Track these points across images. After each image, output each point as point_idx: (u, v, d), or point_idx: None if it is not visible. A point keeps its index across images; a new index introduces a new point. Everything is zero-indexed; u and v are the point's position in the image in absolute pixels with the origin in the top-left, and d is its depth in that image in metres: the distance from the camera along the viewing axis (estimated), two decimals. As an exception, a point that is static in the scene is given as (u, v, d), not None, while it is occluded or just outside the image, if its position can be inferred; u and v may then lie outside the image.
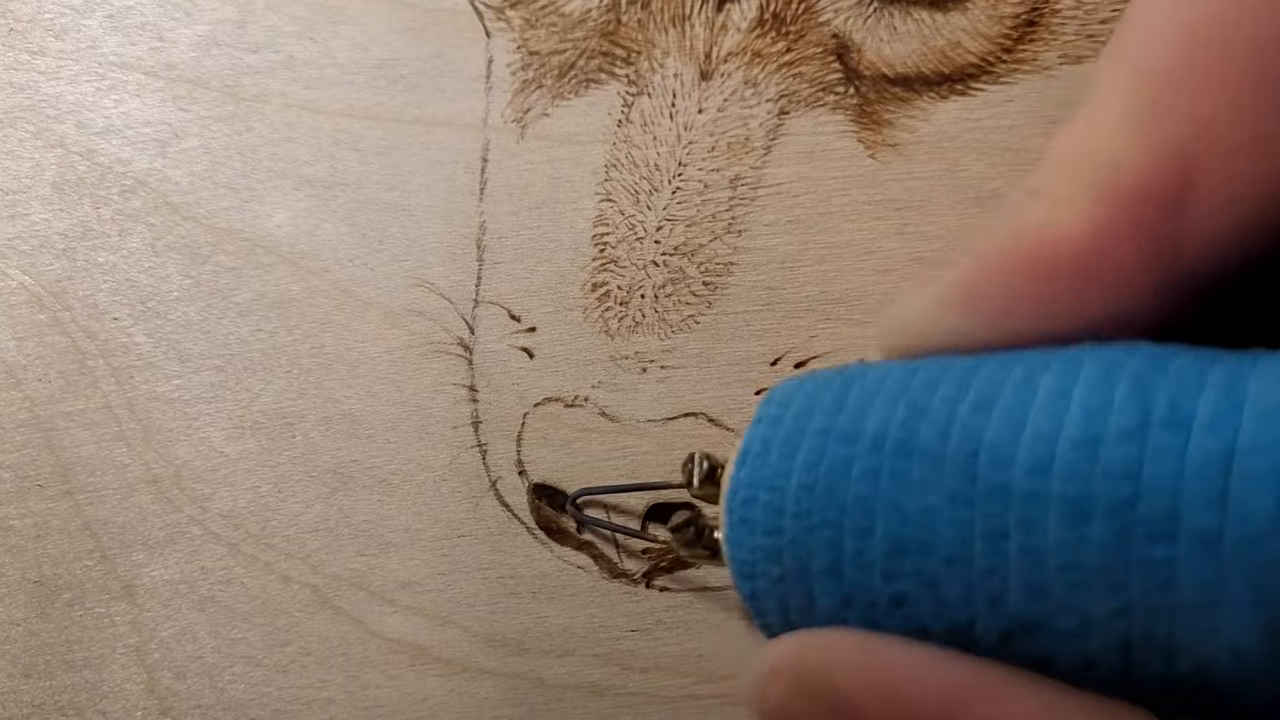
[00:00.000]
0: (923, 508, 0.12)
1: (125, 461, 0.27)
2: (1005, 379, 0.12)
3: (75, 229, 0.27)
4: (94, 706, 0.26)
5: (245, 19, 0.28)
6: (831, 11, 0.26)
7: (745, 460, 0.15)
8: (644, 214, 0.26)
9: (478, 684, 0.25)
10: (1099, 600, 0.11)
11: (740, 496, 0.15)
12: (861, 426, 0.13)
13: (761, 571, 0.14)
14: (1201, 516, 0.10)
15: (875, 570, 0.13)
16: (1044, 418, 0.12)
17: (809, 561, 0.14)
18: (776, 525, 0.14)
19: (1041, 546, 0.11)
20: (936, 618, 0.12)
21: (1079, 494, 0.11)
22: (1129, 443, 0.11)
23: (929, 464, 0.12)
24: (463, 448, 0.26)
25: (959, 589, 0.12)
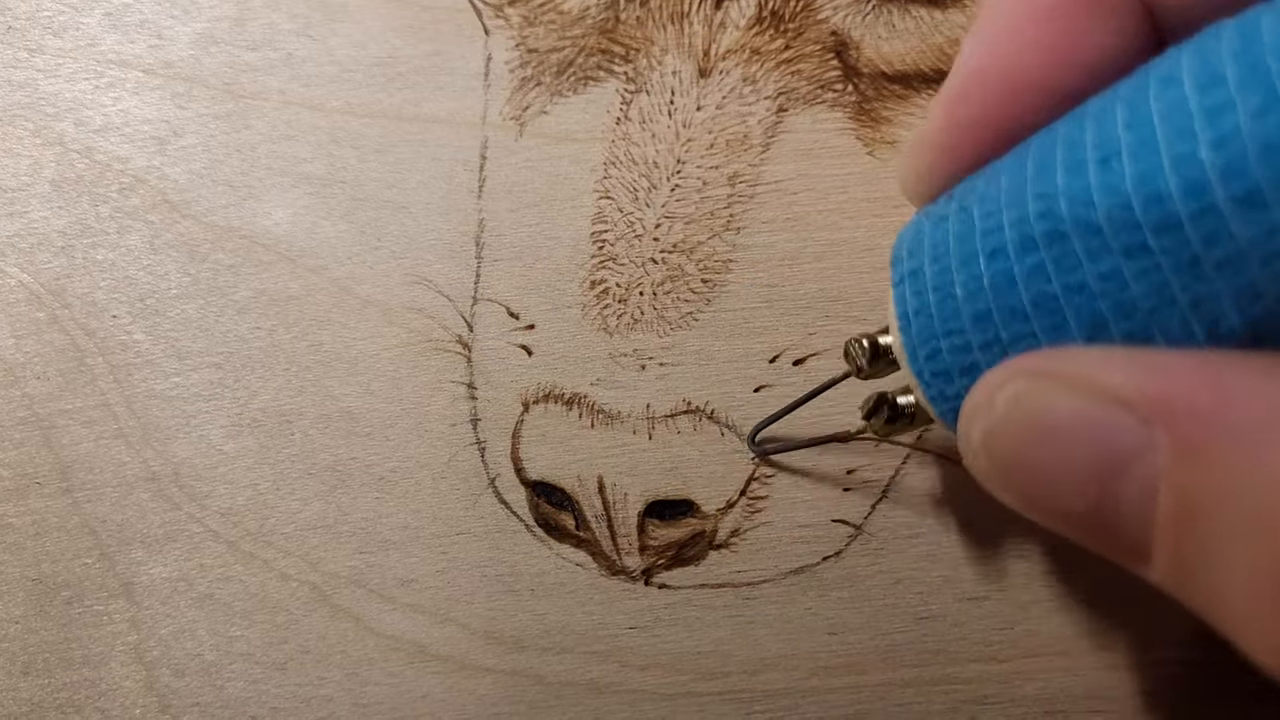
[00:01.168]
0: (1103, 276, 0.12)
1: (124, 459, 0.27)
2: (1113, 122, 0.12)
3: (74, 227, 0.27)
4: (93, 704, 0.26)
5: (244, 16, 0.28)
6: (830, 9, 0.26)
7: (909, 323, 0.15)
8: (643, 211, 0.26)
9: (476, 681, 0.25)
10: None
11: (922, 355, 0.15)
12: (1002, 237, 0.13)
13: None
14: None
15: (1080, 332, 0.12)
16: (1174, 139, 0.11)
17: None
18: (970, 363, 0.14)
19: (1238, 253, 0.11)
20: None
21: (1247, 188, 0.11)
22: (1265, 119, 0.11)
23: (1088, 235, 0.12)
24: (461, 445, 0.26)
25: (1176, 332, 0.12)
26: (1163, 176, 0.11)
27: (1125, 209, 0.11)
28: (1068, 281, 0.12)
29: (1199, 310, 0.11)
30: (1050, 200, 0.12)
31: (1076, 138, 0.12)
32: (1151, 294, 0.12)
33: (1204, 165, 0.11)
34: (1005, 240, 0.13)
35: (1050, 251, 0.12)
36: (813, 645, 0.25)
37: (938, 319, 0.14)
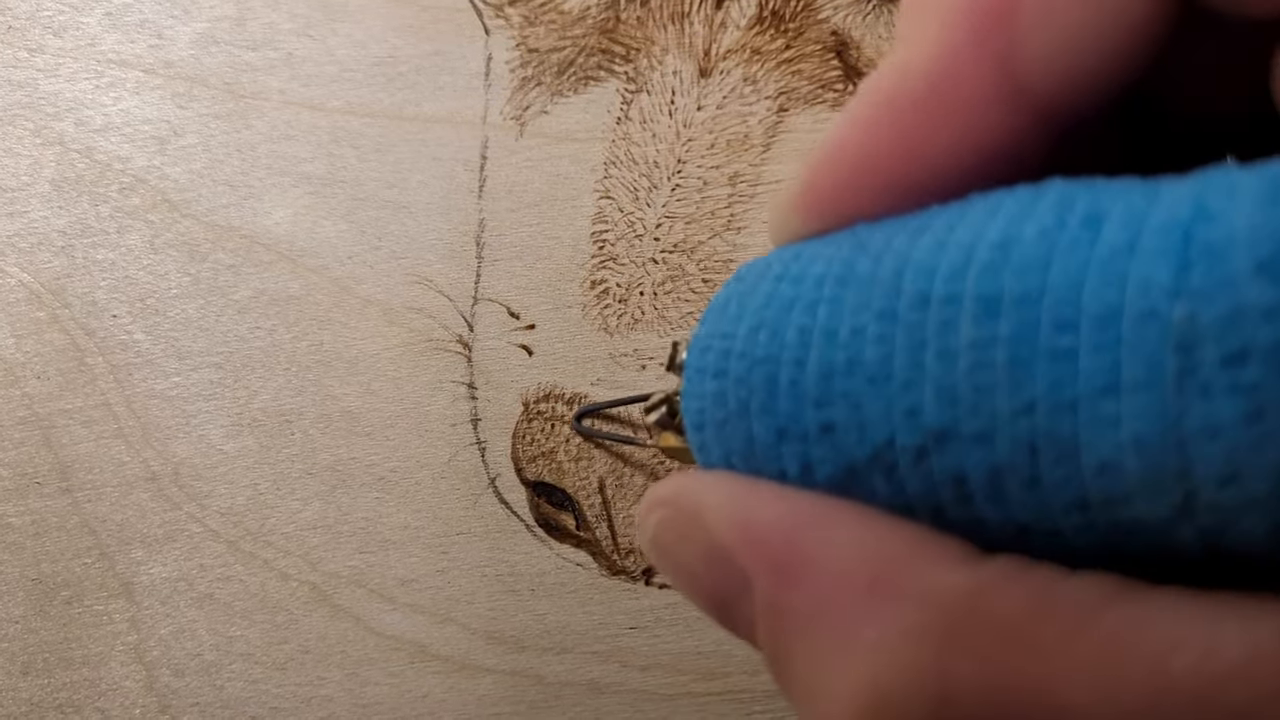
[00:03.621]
0: (853, 329, 0.12)
1: (124, 459, 0.27)
2: (942, 211, 0.13)
3: (74, 226, 0.27)
4: (92, 704, 0.26)
5: (244, 16, 0.28)
6: (830, 9, 0.26)
7: (707, 316, 0.15)
8: (643, 211, 0.26)
9: (477, 681, 0.25)
10: (1005, 399, 0.11)
11: (698, 348, 0.15)
12: (810, 268, 0.14)
13: (709, 419, 0.15)
14: (1102, 297, 0.10)
15: (807, 399, 0.13)
16: (969, 230, 0.12)
17: (749, 400, 0.14)
18: (723, 368, 0.14)
19: (954, 349, 0.11)
20: (860, 442, 0.13)
21: (990, 292, 0.11)
22: (1043, 241, 0.11)
23: (862, 288, 0.13)
24: (461, 445, 0.26)
25: (880, 406, 0.12)
26: (940, 256, 0.12)
27: (898, 275, 0.12)
28: (826, 324, 0.13)
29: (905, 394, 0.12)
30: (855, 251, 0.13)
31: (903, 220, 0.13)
32: (880, 362, 0.12)
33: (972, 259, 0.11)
34: (806, 273, 0.14)
35: (831, 291, 0.13)
36: (813, 645, 0.25)
37: (722, 324, 0.15)
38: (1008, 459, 0.11)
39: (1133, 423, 0.10)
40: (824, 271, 0.13)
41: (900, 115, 0.13)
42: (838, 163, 0.14)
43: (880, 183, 0.13)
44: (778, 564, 0.13)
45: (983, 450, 0.11)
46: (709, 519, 0.14)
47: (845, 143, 0.14)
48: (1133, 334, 0.10)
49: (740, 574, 0.13)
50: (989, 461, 0.11)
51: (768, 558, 0.13)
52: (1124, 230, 0.11)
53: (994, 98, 0.13)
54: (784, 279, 0.14)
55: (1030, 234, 0.11)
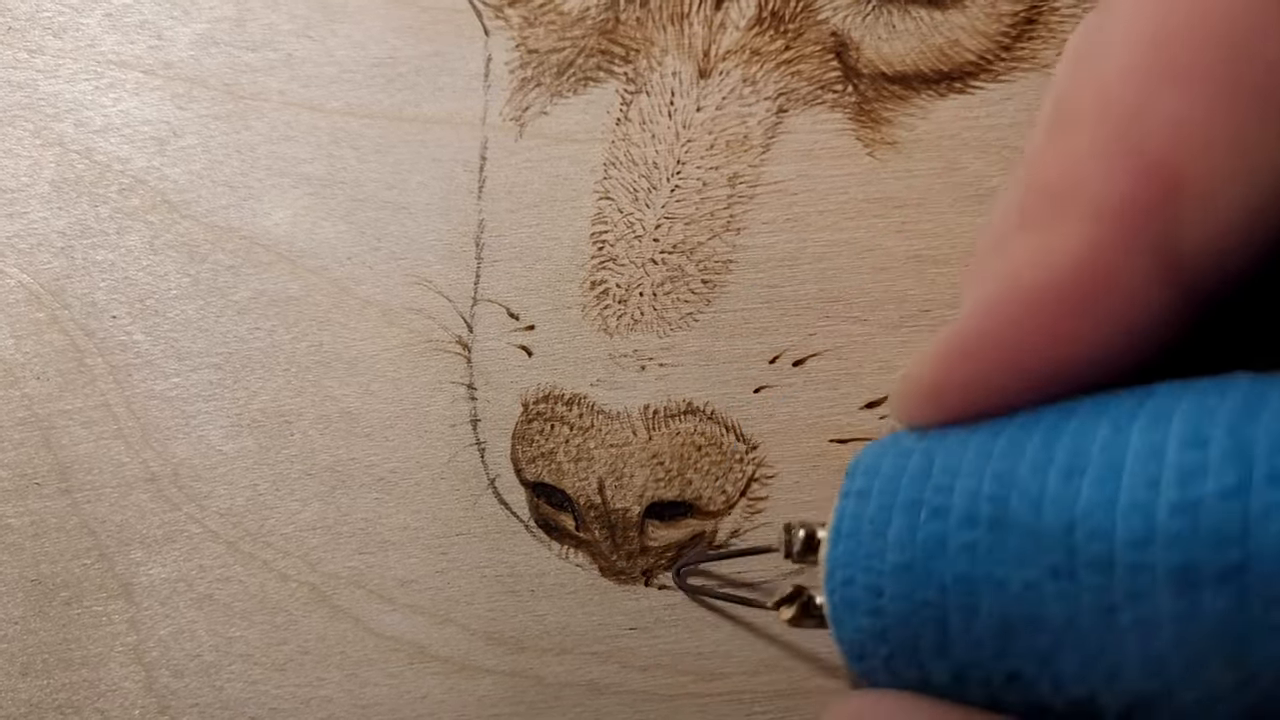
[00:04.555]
0: (1025, 584, 0.12)
1: (123, 460, 0.27)
2: (1092, 437, 0.12)
3: (73, 227, 0.27)
4: (92, 705, 0.26)
5: (243, 17, 0.28)
6: (830, 9, 0.26)
7: (838, 539, 0.15)
8: (643, 212, 0.26)
9: (476, 682, 0.25)
10: (1221, 671, 0.11)
11: (839, 578, 0.14)
12: (950, 500, 0.13)
13: (870, 651, 0.14)
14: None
15: (985, 649, 0.12)
16: (1139, 483, 0.11)
17: (916, 641, 0.13)
18: (877, 606, 0.14)
19: (1154, 618, 0.11)
20: (1055, 692, 0.12)
21: (1185, 563, 0.11)
22: (1231, 503, 0.10)
23: (1026, 538, 0.12)
24: (461, 446, 0.26)
25: (1074, 665, 0.12)
26: (1114, 515, 0.11)
27: (1068, 531, 0.11)
28: (991, 573, 0.12)
29: (1099, 660, 0.11)
30: (1005, 486, 0.12)
31: (1052, 436, 0.12)
32: (1067, 621, 0.12)
33: (1156, 524, 0.11)
34: (951, 504, 0.13)
35: (988, 535, 0.12)
36: (814, 646, 0.25)
37: (862, 551, 0.14)
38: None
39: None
40: (972, 509, 0.12)
41: (1048, 308, 0.12)
42: (978, 354, 0.13)
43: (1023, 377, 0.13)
44: None
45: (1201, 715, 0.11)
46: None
47: (985, 332, 0.13)
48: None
49: None
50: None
51: None
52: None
53: (1150, 288, 0.12)
54: (923, 507, 0.13)
55: (1213, 493, 0.11)
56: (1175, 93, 0.12)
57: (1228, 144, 0.12)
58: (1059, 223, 0.12)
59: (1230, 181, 0.12)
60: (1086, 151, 0.12)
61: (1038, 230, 0.13)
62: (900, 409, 0.14)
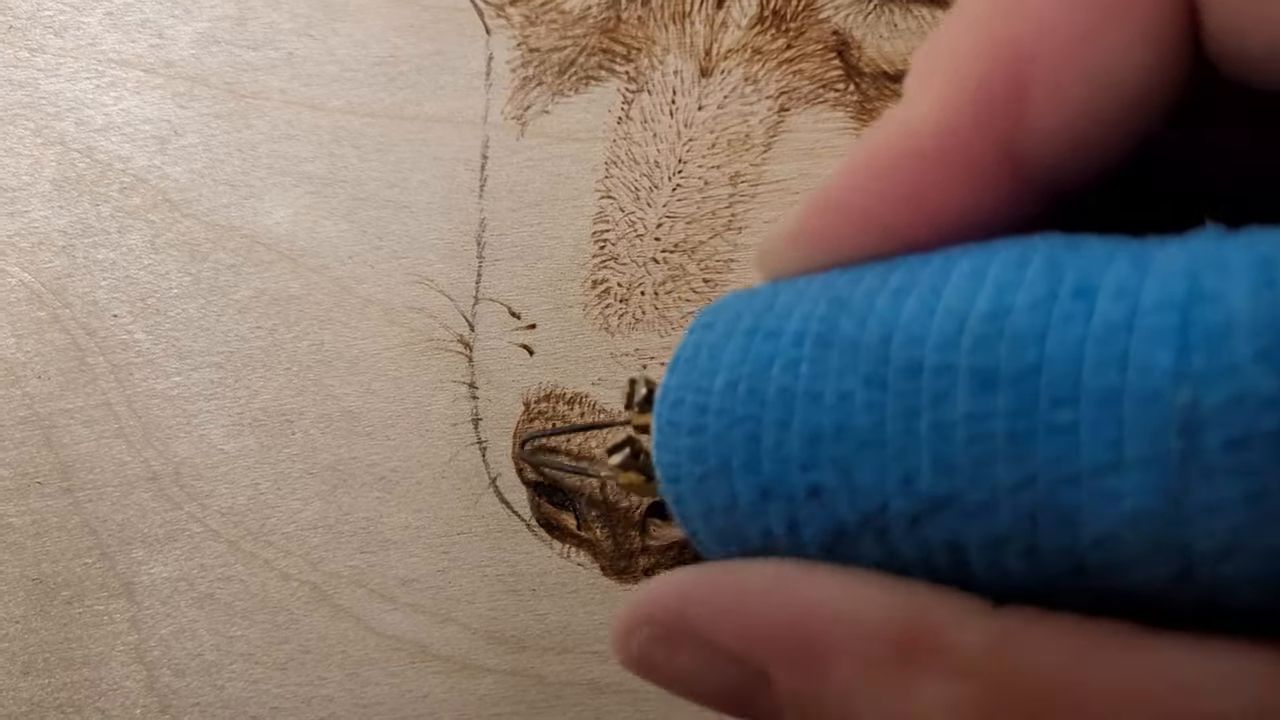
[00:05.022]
0: (839, 394, 0.12)
1: (125, 459, 0.27)
2: (923, 268, 0.12)
3: (75, 226, 0.27)
4: (93, 704, 0.26)
5: (245, 16, 0.28)
6: (832, 8, 0.26)
7: (676, 366, 0.15)
8: (644, 211, 0.26)
9: (477, 681, 0.25)
10: (1006, 470, 0.11)
11: (669, 399, 0.15)
12: (785, 324, 0.13)
13: (686, 473, 0.14)
14: (1103, 377, 0.10)
15: (793, 462, 0.13)
16: (957, 296, 0.12)
17: (730, 457, 0.14)
18: (700, 424, 0.14)
19: (950, 420, 0.11)
20: (851, 505, 0.12)
21: (986, 364, 0.11)
22: (1036, 313, 0.11)
23: (847, 351, 0.12)
24: (462, 445, 0.26)
25: (872, 473, 0.12)
26: (930, 324, 0.12)
27: (885, 341, 0.12)
28: (810, 386, 0.13)
29: (896, 465, 0.12)
30: (836, 309, 0.13)
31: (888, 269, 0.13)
32: (871, 429, 0.12)
33: (965, 328, 0.11)
34: (785, 327, 0.13)
35: (812, 351, 0.13)
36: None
37: (695, 374, 0.14)
38: (1007, 528, 0.11)
39: (1134, 498, 0.10)
40: (802, 328, 0.13)
41: (901, 172, 0.13)
42: (835, 208, 0.14)
43: (874, 232, 0.13)
44: (795, 656, 0.12)
45: (982, 520, 0.11)
46: (705, 628, 0.13)
47: (843, 189, 0.14)
48: (1135, 414, 0.10)
49: (756, 672, 0.13)
50: (988, 530, 0.11)
51: (783, 652, 0.13)
52: (1118, 305, 0.11)
53: (996, 169, 0.13)
54: (758, 332, 0.14)
55: (1022, 305, 0.11)
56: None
57: (1079, 43, 0.12)
58: (921, 97, 0.13)
59: (1076, 80, 0.12)
60: (957, 34, 0.13)
61: (906, 103, 0.13)
62: (761, 260, 0.15)
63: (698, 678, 0.14)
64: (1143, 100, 0.12)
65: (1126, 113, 0.12)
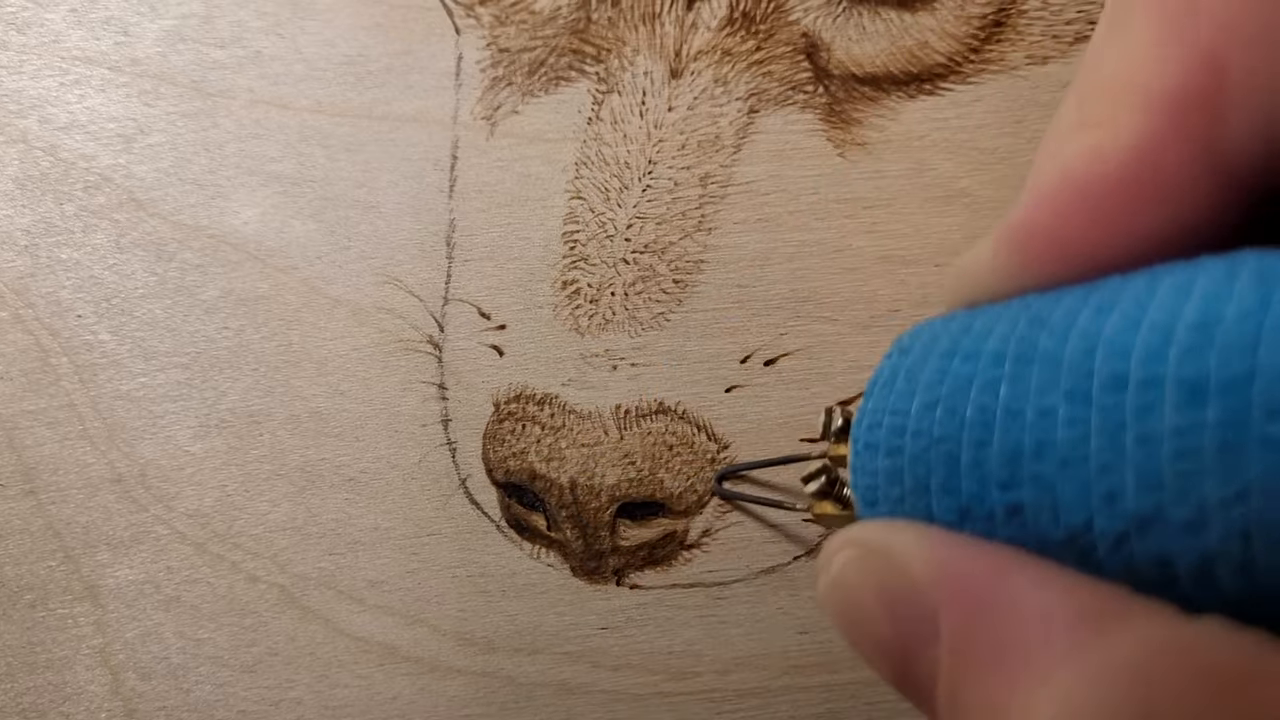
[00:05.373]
0: (1040, 411, 0.12)
1: (89, 460, 0.26)
2: (1126, 286, 0.12)
3: (38, 225, 0.27)
4: (57, 709, 0.26)
5: (212, 14, 0.28)
6: (801, 10, 0.27)
7: (873, 390, 0.15)
8: (614, 212, 0.26)
9: (447, 682, 0.25)
10: (1215, 486, 0.11)
11: (866, 423, 0.15)
12: (983, 345, 0.13)
13: (883, 495, 0.14)
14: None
15: (991, 480, 0.13)
16: (1162, 309, 0.11)
17: (928, 479, 0.14)
18: (898, 445, 0.14)
19: (1157, 434, 0.11)
20: (1054, 524, 0.12)
21: (1195, 376, 0.11)
22: (1247, 322, 0.11)
23: (1048, 368, 0.12)
24: (432, 446, 0.26)
25: (1075, 490, 0.12)
26: (1135, 336, 0.11)
27: (1088, 355, 0.12)
28: (1009, 404, 0.13)
29: (1100, 481, 0.12)
30: (1037, 328, 0.13)
31: (1089, 289, 0.13)
32: (1074, 445, 0.12)
33: (1172, 340, 0.11)
34: (984, 349, 0.13)
35: (1012, 369, 0.13)
36: (784, 644, 0.25)
37: (893, 397, 0.14)
38: (1219, 546, 0.11)
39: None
40: (1001, 349, 0.13)
41: (1097, 199, 0.13)
42: (1032, 235, 0.14)
43: (1076, 258, 0.13)
44: (974, 599, 0.12)
45: (1192, 537, 0.11)
46: (903, 556, 0.13)
47: (1034, 222, 0.13)
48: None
49: (929, 615, 0.13)
50: (1198, 548, 0.11)
51: (964, 593, 0.12)
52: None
53: (1197, 181, 0.12)
54: (956, 354, 0.14)
55: (1232, 315, 0.11)
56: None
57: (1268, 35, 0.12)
58: (1112, 118, 0.13)
59: (1271, 74, 0.12)
60: (1139, 48, 0.13)
61: (1093, 127, 0.13)
62: (951, 292, 0.15)
63: (877, 611, 0.14)
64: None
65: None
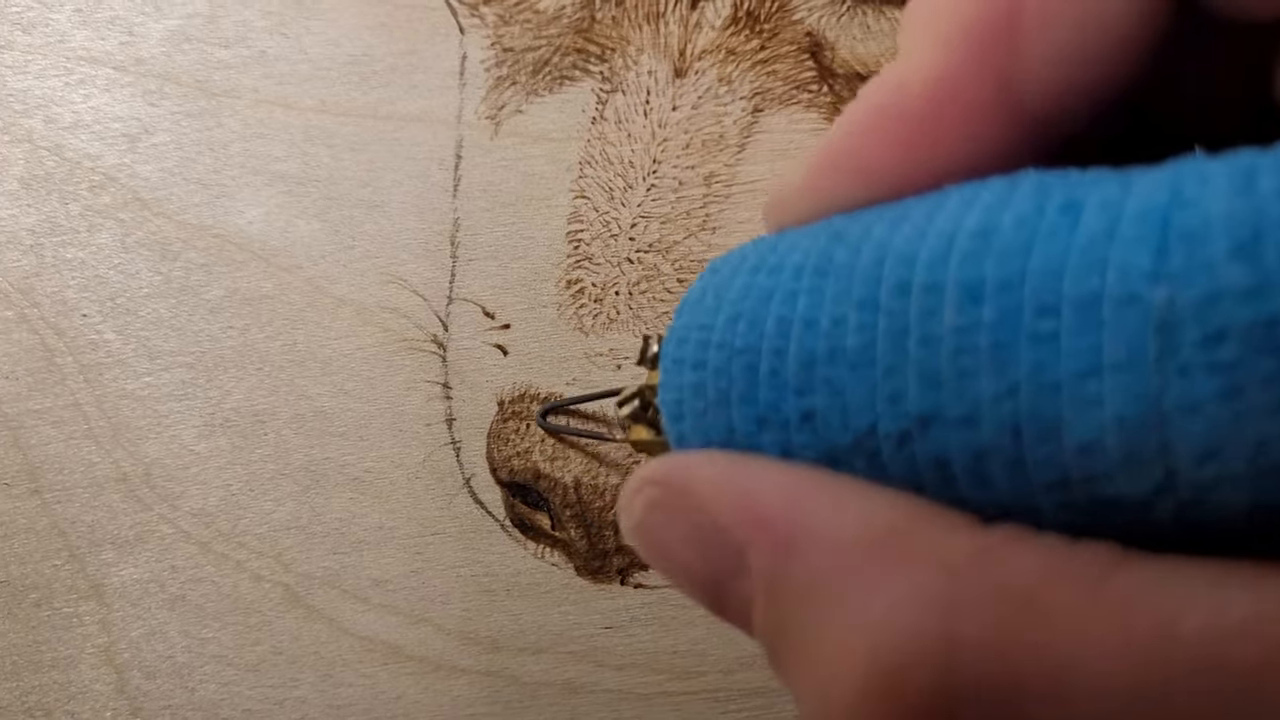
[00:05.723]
0: (834, 319, 0.13)
1: (94, 460, 0.26)
2: (919, 203, 0.13)
3: (43, 224, 0.27)
4: (62, 707, 0.26)
5: (216, 14, 0.28)
6: (805, 10, 0.27)
7: (683, 309, 0.15)
8: (618, 211, 0.26)
9: (452, 682, 0.25)
10: (989, 382, 0.11)
11: (674, 339, 0.15)
12: (786, 260, 0.14)
13: (688, 409, 0.15)
14: (1084, 283, 0.11)
15: (788, 388, 0.13)
16: (947, 218, 0.12)
17: (729, 390, 0.14)
18: (702, 359, 0.14)
19: (937, 334, 0.12)
20: (843, 428, 0.13)
21: (972, 278, 0.11)
22: (1022, 228, 0.11)
23: (841, 278, 0.13)
24: (436, 445, 0.26)
25: (863, 393, 0.12)
26: (920, 244, 0.12)
27: (878, 264, 0.12)
28: (806, 314, 0.13)
29: (885, 383, 0.12)
30: (834, 242, 0.13)
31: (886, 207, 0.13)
32: (862, 350, 0.12)
33: (954, 246, 0.12)
34: (786, 263, 0.14)
35: (809, 281, 0.13)
36: (788, 644, 0.25)
37: (701, 312, 0.15)
38: (991, 441, 0.11)
39: (1115, 403, 0.10)
40: (802, 262, 0.13)
41: (898, 127, 0.13)
42: (837, 161, 0.14)
43: (877, 183, 0.14)
44: (778, 536, 0.13)
45: (967, 433, 0.12)
46: (703, 494, 0.14)
47: (845, 142, 0.14)
48: (1114, 317, 0.10)
49: (736, 551, 0.13)
50: (973, 444, 0.12)
51: (767, 530, 0.13)
52: (1102, 216, 0.11)
53: (992, 113, 0.13)
54: (761, 270, 0.14)
55: (1009, 221, 0.11)
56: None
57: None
58: (915, 51, 0.14)
59: (1066, 18, 0.13)
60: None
61: (902, 58, 0.14)
62: (767, 214, 0.16)
63: (684, 551, 0.14)
64: (1129, 35, 0.13)
65: (1114, 47, 0.13)
